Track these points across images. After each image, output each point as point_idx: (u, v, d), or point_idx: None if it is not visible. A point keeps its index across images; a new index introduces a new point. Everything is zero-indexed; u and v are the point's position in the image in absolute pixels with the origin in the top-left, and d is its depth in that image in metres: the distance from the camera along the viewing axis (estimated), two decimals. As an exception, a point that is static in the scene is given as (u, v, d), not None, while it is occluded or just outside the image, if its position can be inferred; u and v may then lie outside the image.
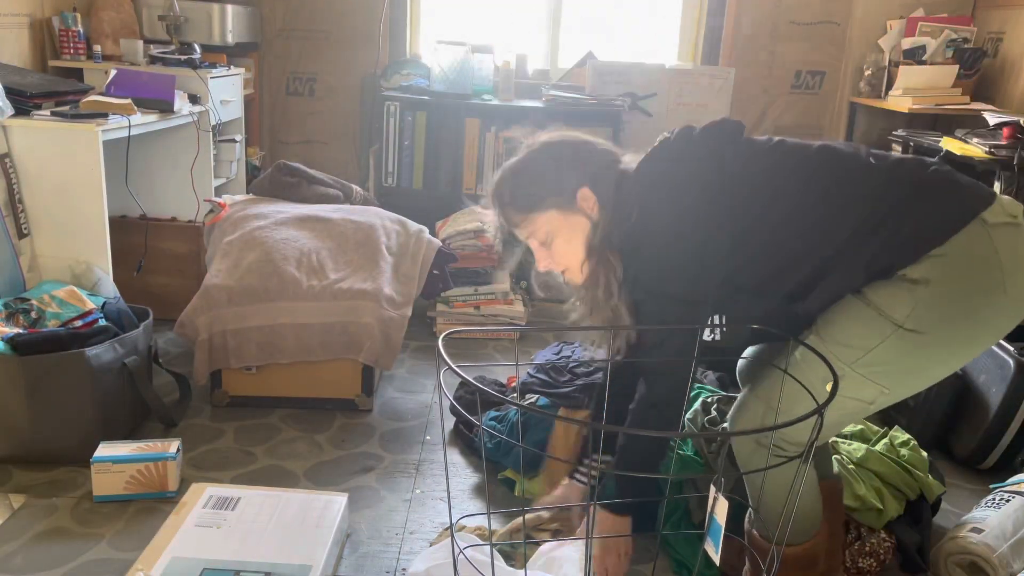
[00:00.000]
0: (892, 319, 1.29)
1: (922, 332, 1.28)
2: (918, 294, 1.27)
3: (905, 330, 1.28)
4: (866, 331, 1.31)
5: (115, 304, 2.29)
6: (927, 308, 1.27)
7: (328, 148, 3.98)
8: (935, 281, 1.27)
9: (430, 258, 2.63)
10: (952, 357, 1.35)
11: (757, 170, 1.42)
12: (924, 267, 1.28)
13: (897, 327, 1.29)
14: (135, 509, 1.88)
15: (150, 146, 2.99)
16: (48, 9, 3.01)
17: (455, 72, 3.52)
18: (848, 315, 1.34)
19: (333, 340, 2.34)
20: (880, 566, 1.77)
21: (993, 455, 2.23)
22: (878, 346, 1.30)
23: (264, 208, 2.66)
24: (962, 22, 3.43)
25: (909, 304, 1.28)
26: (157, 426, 2.26)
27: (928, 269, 1.27)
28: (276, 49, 3.86)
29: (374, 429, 2.34)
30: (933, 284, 1.27)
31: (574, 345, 2.51)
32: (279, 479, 2.05)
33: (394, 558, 1.78)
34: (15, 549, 1.72)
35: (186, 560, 1.57)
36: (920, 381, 1.38)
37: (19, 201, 2.35)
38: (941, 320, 1.28)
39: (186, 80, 2.98)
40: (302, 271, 2.38)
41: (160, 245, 2.92)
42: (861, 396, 1.36)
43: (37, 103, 2.43)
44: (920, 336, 1.28)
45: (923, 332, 1.28)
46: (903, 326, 1.28)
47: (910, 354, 1.31)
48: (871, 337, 1.31)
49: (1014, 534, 1.69)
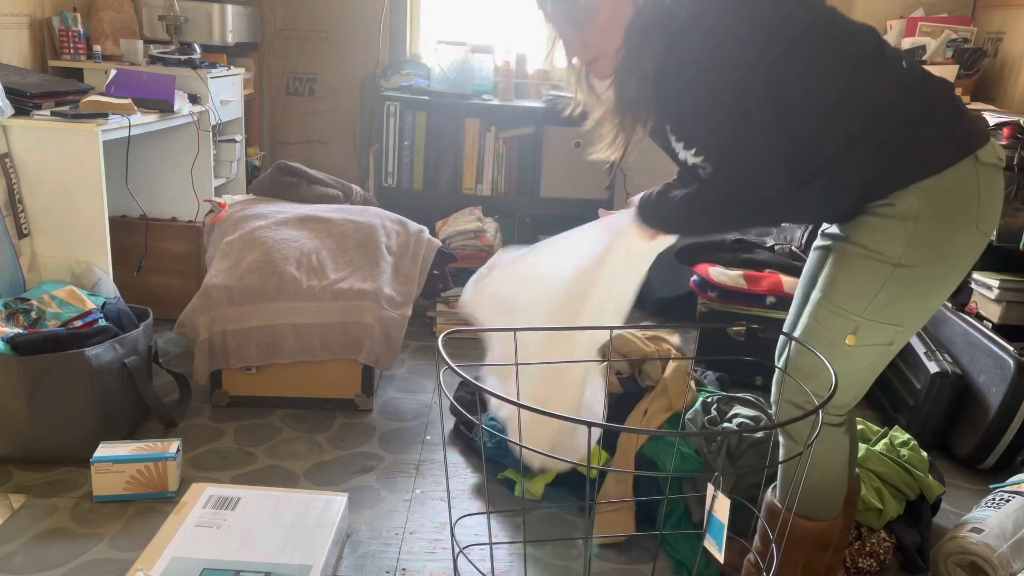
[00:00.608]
0: (889, 259, 1.33)
1: (915, 266, 1.34)
2: (909, 230, 1.32)
3: (902, 266, 1.33)
4: (867, 277, 1.36)
5: (115, 304, 2.29)
6: (919, 243, 1.32)
7: (328, 148, 3.98)
8: (924, 216, 1.31)
9: (430, 258, 2.63)
10: (944, 286, 1.39)
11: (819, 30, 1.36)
12: (914, 199, 1.31)
13: (895, 265, 1.33)
14: (135, 509, 1.88)
15: (150, 146, 2.99)
16: (48, 9, 3.01)
17: (455, 72, 3.52)
18: (847, 268, 1.38)
19: (333, 340, 2.34)
20: (880, 566, 1.77)
21: (993, 455, 2.23)
22: (882, 288, 1.35)
23: (264, 208, 2.66)
24: (962, 22, 3.43)
25: (903, 241, 1.32)
26: (157, 426, 2.26)
27: (918, 202, 1.31)
28: (276, 49, 3.86)
29: (374, 429, 2.34)
30: (922, 219, 1.31)
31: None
32: (279, 479, 2.05)
33: (394, 558, 1.78)
34: (15, 549, 1.72)
35: (186, 560, 1.57)
36: (924, 312, 1.41)
37: (19, 201, 2.35)
38: (932, 252, 1.34)
39: (186, 80, 2.98)
40: (302, 271, 2.39)
41: (160, 245, 2.92)
42: (881, 340, 1.39)
43: (37, 103, 2.43)
44: (914, 270, 1.34)
45: (916, 266, 1.34)
46: (900, 263, 1.33)
47: (910, 287, 1.35)
48: (874, 281, 1.35)
49: (1014, 534, 1.69)
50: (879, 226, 1.35)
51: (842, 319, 1.38)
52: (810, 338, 1.41)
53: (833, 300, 1.39)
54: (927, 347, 2.44)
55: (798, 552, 1.52)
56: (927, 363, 2.36)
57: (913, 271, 1.34)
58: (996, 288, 2.46)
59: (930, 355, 2.39)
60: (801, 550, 1.52)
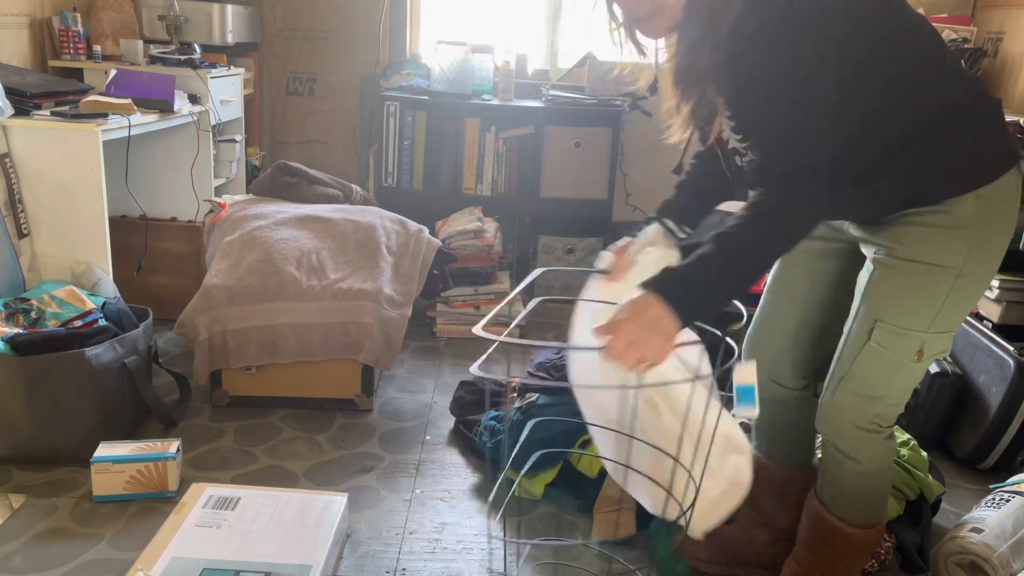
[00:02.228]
0: (951, 269, 1.31)
1: (974, 274, 1.32)
2: (968, 238, 1.29)
3: (962, 276, 1.31)
4: (931, 291, 1.32)
5: (115, 304, 2.29)
6: (978, 251, 1.30)
7: (328, 148, 3.98)
8: (979, 224, 1.29)
9: (430, 258, 2.63)
10: (982, 291, 1.39)
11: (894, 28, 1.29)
12: (972, 206, 1.28)
13: (957, 276, 1.31)
14: (135, 509, 1.88)
15: (150, 146, 2.99)
16: (48, 9, 3.01)
17: (455, 72, 3.52)
18: (906, 286, 1.34)
19: (333, 340, 2.34)
20: (880, 566, 1.77)
21: (993, 455, 2.23)
22: (946, 300, 1.32)
23: (264, 208, 2.66)
24: (962, 22, 3.43)
25: (963, 251, 1.29)
26: (157, 426, 2.26)
27: (975, 210, 1.28)
28: (276, 49, 3.86)
29: (374, 429, 2.34)
30: (977, 227, 1.29)
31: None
32: (279, 479, 2.05)
33: (394, 558, 1.78)
34: (15, 549, 1.72)
35: (186, 560, 1.57)
36: (964, 315, 1.40)
37: (19, 201, 2.35)
38: (987, 260, 1.33)
39: (186, 80, 2.98)
40: (302, 271, 2.38)
41: (160, 245, 2.92)
42: (941, 349, 1.38)
43: (37, 103, 2.43)
44: (971, 278, 1.32)
45: (974, 274, 1.32)
46: (961, 272, 1.31)
47: (967, 294, 1.34)
48: (937, 295, 1.32)
49: (1014, 534, 1.69)
50: (933, 236, 1.31)
51: (909, 339, 1.35)
52: (870, 360, 1.38)
53: (896, 321, 1.35)
54: (927, 347, 2.44)
55: (861, 560, 1.55)
56: (927, 363, 2.36)
57: (970, 279, 1.32)
58: (996, 288, 2.46)
59: (930, 355, 2.39)
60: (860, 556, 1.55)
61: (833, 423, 1.46)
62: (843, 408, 1.43)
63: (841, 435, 1.45)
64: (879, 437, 1.44)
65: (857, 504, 1.49)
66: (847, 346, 1.42)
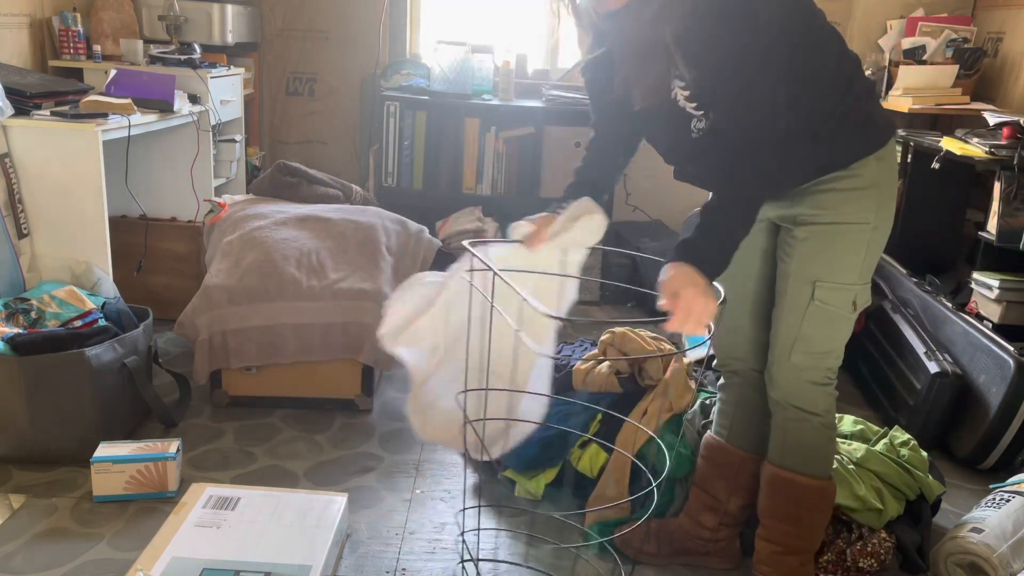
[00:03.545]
0: (867, 225, 1.48)
1: (882, 227, 1.51)
2: (874, 196, 1.48)
3: (876, 229, 1.50)
4: (855, 248, 1.49)
5: (115, 304, 2.29)
6: (883, 206, 1.49)
7: (328, 148, 3.98)
8: (881, 183, 1.48)
9: (430, 258, 2.63)
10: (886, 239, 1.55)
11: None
12: (875, 167, 1.47)
13: (873, 229, 1.49)
14: (135, 509, 1.88)
15: (150, 146, 2.99)
16: (48, 9, 3.01)
17: (455, 72, 3.52)
18: (834, 246, 1.49)
19: (333, 340, 2.34)
20: (880, 566, 1.77)
21: (993, 455, 2.23)
22: (866, 252, 1.50)
23: (264, 208, 2.66)
24: (962, 22, 3.43)
25: (873, 208, 1.48)
26: (157, 426, 2.26)
27: (878, 170, 1.47)
28: (276, 49, 3.86)
29: (374, 429, 2.34)
30: (880, 185, 1.48)
31: (574, 344, 2.51)
32: (279, 479, 2.05)
33: (394, 558, 1.78)
34: (15, 549, 1.72)
35: (186, 560, 1.57)
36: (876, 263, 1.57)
37: (19, 201, 2.35)
38: (888, 213, 1.52)
39: (186, 80, 2.98)
40: (302, 271, 2.38)
41: (160, 245, 2.92)
42: (866, 300, 1.55)
43: (37, 103, 2.43)
44: (880, 230, 1.51)
45: (882, 227, 1.51)
46: (875, 226, 1.49)
47: (878, 245, 1.52)
48: (859, 249, 1.50)
49: (1014, 534, 1.69)
50: (847, 199, 1.48)
51: (845, 292, 1.51)
52: (816, 318, 1.51)
53: (833, 278, 1.50)
54: (927, 347, 2.44)
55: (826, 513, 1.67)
56: (927, 363, 2.36)
57: (880, 231, 1.51)
58: (996, 288, 2.46)
59: (930, 355, 2.39)
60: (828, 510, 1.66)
61: (792, 385, 1.57)
62: (800, 368, 1.55)
63: (801, 394, 1.57)
64: (830, 388, 1.59)
65: (818, 456, 1.61)
66: (789, 312, 1.55)
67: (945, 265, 3.03)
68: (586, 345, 2.46)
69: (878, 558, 1.76)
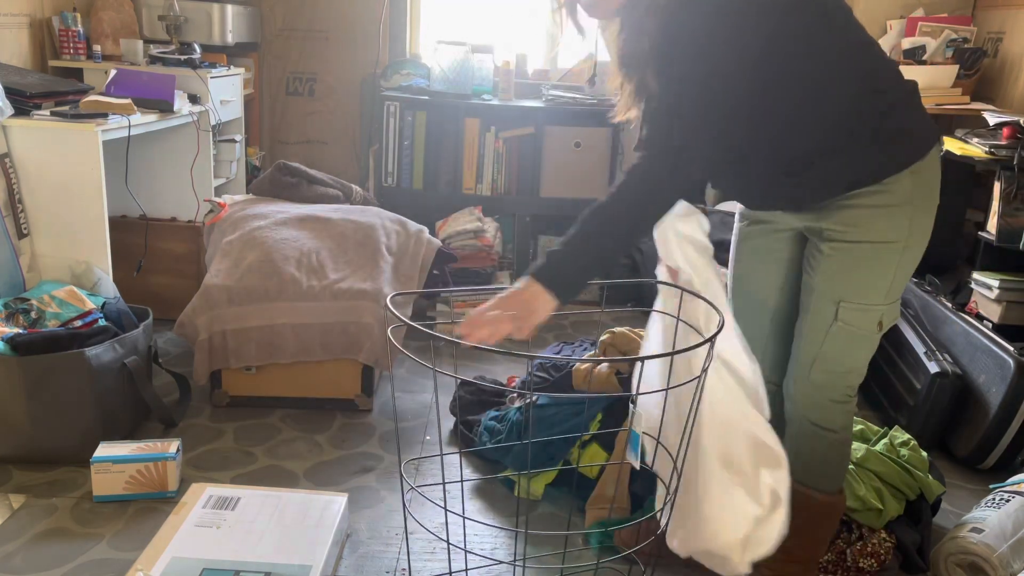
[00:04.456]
0: (897, 244, 1.40)
1: (914, 246, 1.43)
2: (908, 213, 1.39)
3: (907, 248, 1.41)
4: (883, 267, 1.41)
5: (115, 304, 2.29)
6: (917, 223, 1.41)
7: (328, 148, 3.98)
8: (916, 199, 1.38)
9: (430, 258, 2.63)
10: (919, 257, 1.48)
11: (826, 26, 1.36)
12: (908, 182, 1.37)
13: (904, 248, 1.41)
14: (135, 509, 1.88)
15: (150, 146, 2.99)
16: (48, 9, 3.01)
17: (455, 72, 3.52)
18: (862, 266, 1.42)
19: (333, 340, 2.34)
20: (880, 566, 1.77)
21: (993, 455, 2.23)
22: (895, 272, 1.42)
23: (264, 208, 2.66)
24: (962, 22, 3.43)
25: (906, 225, 1.39)
26: (157, 426, 2.26)
27: (912, 185, 1.37)
28: (276, 49, 3.86)
29: (374, 429, 2.34)
30: (915, 201, 1.38)
31: (574, 344, 2.51)
32: (279, 479, 2.05)
33: (394, 558, 1.78)
34: (15, 549, 1.72)
35: (186, 560, 1.57)
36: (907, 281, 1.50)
37: (19, 201, 2.35)
38: (923, 231, 1.43)
39: (186, 80, 2.98)
40: (302, 271, 2.38)
41: (160, 245, 2.92)
42: (893, 318, 1.49)
43: (37, 103, 2.43)
44: (912, 249, 1.43)
45: (914, 246, 1.43)
46: (907, 245, 1.41)
47: (909, 265, 1.45)
48: (888, 269, 1.41)
49: (1014, 534, 1.69)
50: (877, 216, 1.39)
51: (871, 313, 1.44)
52: (839, 338, 1.46)
53: (858, 299, 1.43)
54: (927, 347, 2.44)
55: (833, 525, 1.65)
56: (927, 363, 2.36)
57: (913, 250, 1.42)
58: (996, 288, 2.46)
59: (930, 355, 2.39)
60: (836, 522, 1.64)
61: (811, 401, 1.53)
62: (820, 385, 1.51)
63: (820, 411, 1.53)
64: (850, 405, 1.55)
65: (832, 471, 1.58)
66: (812, 329, 1.49)
67: (945, 265, 3.03)
68: (586, 345, 2.47)
69: (878, 558, 1.76)
